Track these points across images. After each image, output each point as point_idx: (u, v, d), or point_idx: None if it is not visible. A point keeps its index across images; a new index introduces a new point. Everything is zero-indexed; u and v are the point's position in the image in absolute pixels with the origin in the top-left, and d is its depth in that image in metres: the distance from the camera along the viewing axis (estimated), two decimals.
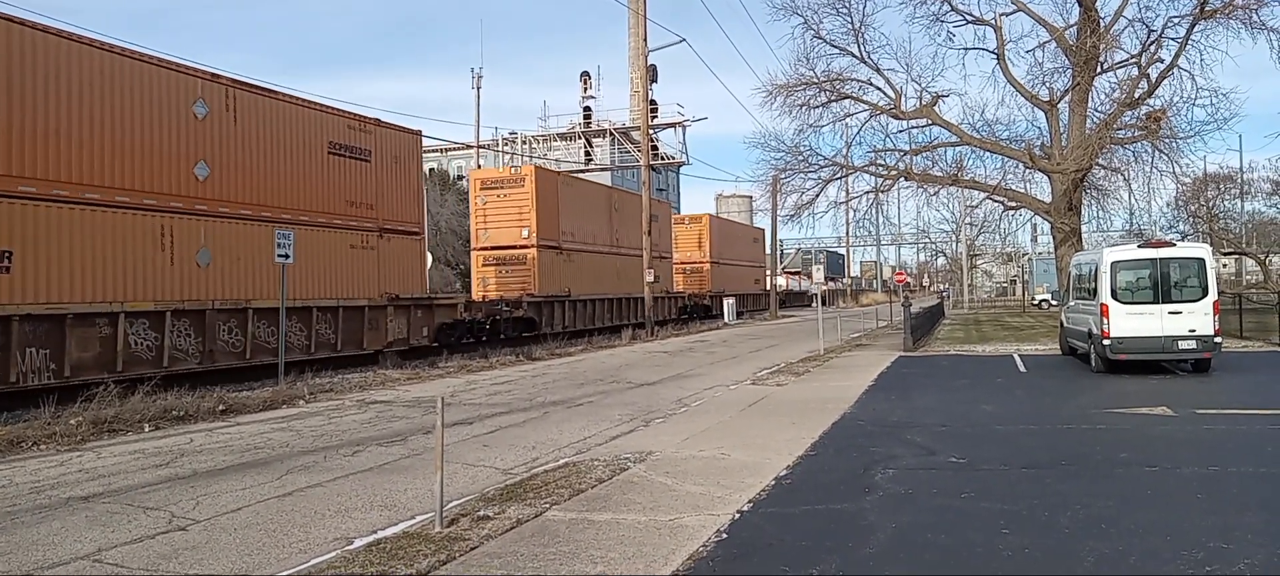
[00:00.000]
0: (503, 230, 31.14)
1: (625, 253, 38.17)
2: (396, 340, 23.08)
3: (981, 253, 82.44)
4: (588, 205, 35.49)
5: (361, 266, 22.00)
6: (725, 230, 56.86)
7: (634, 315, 37.45)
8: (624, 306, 38.13)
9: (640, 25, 37.72)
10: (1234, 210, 56.17)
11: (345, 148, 21.77)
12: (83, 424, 11.75)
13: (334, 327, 20.97)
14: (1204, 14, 25.01)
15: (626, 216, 38.51)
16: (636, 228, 37.73)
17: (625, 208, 38.98)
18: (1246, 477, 8.19)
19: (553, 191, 32.55)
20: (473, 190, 33.04)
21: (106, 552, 6.47)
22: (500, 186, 31.83)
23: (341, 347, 21.09)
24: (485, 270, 31.40)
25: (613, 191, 39.68)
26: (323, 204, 20.90)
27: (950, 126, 29.38)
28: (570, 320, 32.95)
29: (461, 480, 8.72)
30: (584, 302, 34.23)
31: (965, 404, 13.52)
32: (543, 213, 31.25)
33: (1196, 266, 16.66)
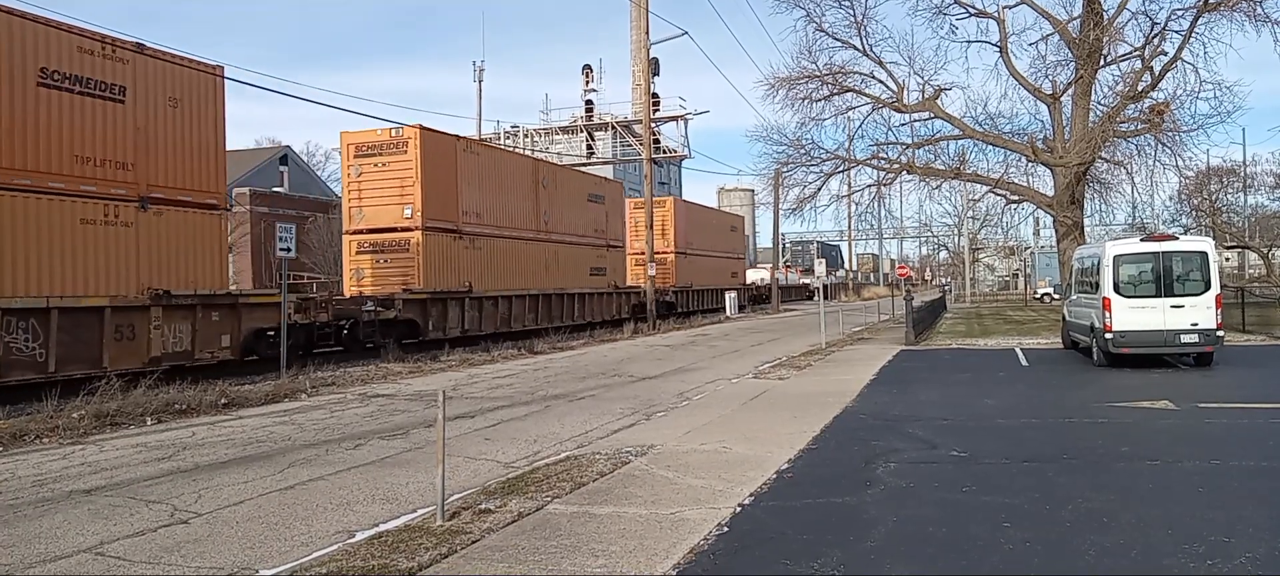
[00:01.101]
0: (380, 208, 24.65)
1: (560, 239, 31.93)
2: (170, 354, 16.63)
3: (984, 246, 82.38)
4: (501, 179, 28.51)
5: (104, 249, 15.70)
6: (695, 216, 49.97)
7: (571, 315, 32.07)
8: (555, 305, 31.41)
9: (642, 18, 37.64)
10: (1237, 204, 56.07)
11: (74, 79, 15.39)
12: (85, 417, 11.77)
13: (42, 339, 14.49)
14: (1207, 7, 24.94)
15: (561, 195, 32.34)
16: (577, 209, 33.14)
17: (560, 184, 32.78)
18: (1248, 472, 8.18)
19: (447, 160, 25.69)
20: (344, 157, 25.51)
21: (109, 545, 6.48)
22: (377, 153, 24.76)
23: (57, 367, 14.62)
24: (359, 259, 24.85)
25: (540, 164, 32.66)
26: (28, 158, 14.65)
27: (953, 120, 29.34)
28: (472, 322, 26.34)
29: (463, 473, 8.74)
30: (493, 300, 27.37)
31: (967, 397, 13.52)
32: (432, 186, 24.70)
33: (1199, 260, 16.63)
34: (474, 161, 27.11)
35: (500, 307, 28.00)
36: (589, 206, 34.72)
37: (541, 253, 30.76)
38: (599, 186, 36.58)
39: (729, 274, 54.94)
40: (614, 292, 37.09)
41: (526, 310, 29.64)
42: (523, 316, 29.40)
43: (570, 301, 32.64)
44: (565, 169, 35.12)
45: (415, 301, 24.04)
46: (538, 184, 30.90)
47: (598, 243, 35.30)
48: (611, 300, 36.63)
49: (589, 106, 63.49)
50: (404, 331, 23.64)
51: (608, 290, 36.33)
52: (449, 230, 25.48)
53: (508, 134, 60.28)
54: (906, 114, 29.70)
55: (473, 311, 26.53)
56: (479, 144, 29.42)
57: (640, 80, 52.09)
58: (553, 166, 34.34)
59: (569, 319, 31.84)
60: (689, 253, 46.65)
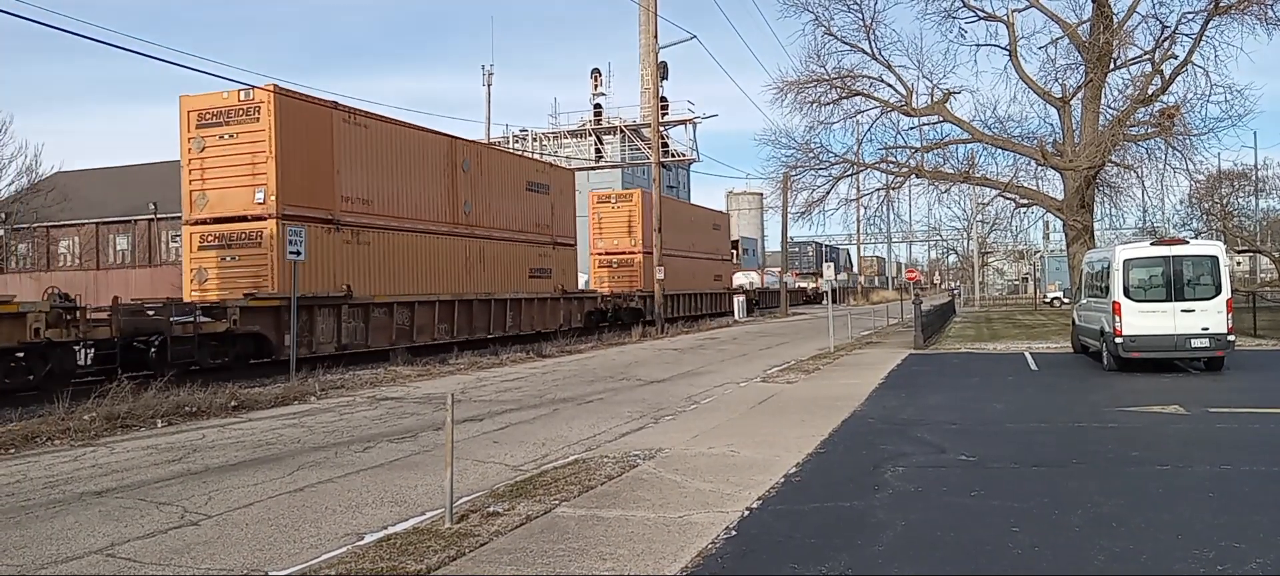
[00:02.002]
0: (227, 191, 19.83)
1: (486, 234, 27.16)
2: None
3: (993, 250, 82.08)
4: (402, 159, 23.65)
5: None
6: (670, 213, 43.10)
7: (501, 324, 27.61)
8: (479, 314, 26.56)
9: (651, 22, 37.68)
10: (1248, 208, 55.80)
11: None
12: (96, 419, 11.84)
13: None
14: (1218, 9, 24.83)
15: (489, 181, 27.56)
16: (512, 198, 28.79)
17: (488, 169, 27.68)
18: (1259, 477, 8.14)
19: (318, 132, 20.85)
20: (183, 127, 20.25)
21: (119, 547, 6.52)
22: (223, 121, 19.81)
23: None
24: (201, 256, 20.09)
25: (458, 142, 26.63)
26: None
27: (962, 123, 29.28)
28: (353, 335, 21.27)
29: (471, 476, 8.76)
30: (385, 307, 22.51)
31: (976, 402, 13.48)
32: (294, 163, 19.84)
33: (1210, 264, 16.55)
34: (360, 136, 22.19)
35: (397, 317, 22.83)
36: (528, 197, 29.89)
37: (460, 250, 25.80)
38: (542, 173, 31.60)
39: (711, 277, 49.40)
40: (561, 298, 31.63)
41: (436, 319, 24.47)
42: (431, 327, 24.24)
43: (500, 309, 27.67)
44: (496, 150, 29.57)
45: (262, 310, 18.87)
46: (455, 167, 25.78)
47: (540, 239, 30.49)
48: (557, 307, 31.38)
49: (597, 110, 63.61)
50: (250, 348, 19.20)
51: (552, 295, 31.05)
52: (321, 220, 20.56)
53: (516, 138, 60.43)
54: (915, 117, 29.64)
55: (354, 322, 21.36)
56: (369, 116, 22.51)
57: (649, 84, 52.14)
58: (477, 146, 28.49)
59: (500, 329, 27.29)
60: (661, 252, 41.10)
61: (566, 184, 33.96)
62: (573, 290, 33.11)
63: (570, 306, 32.57)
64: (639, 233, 39.71)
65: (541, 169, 32.51)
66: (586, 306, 34.17)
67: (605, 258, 40.32)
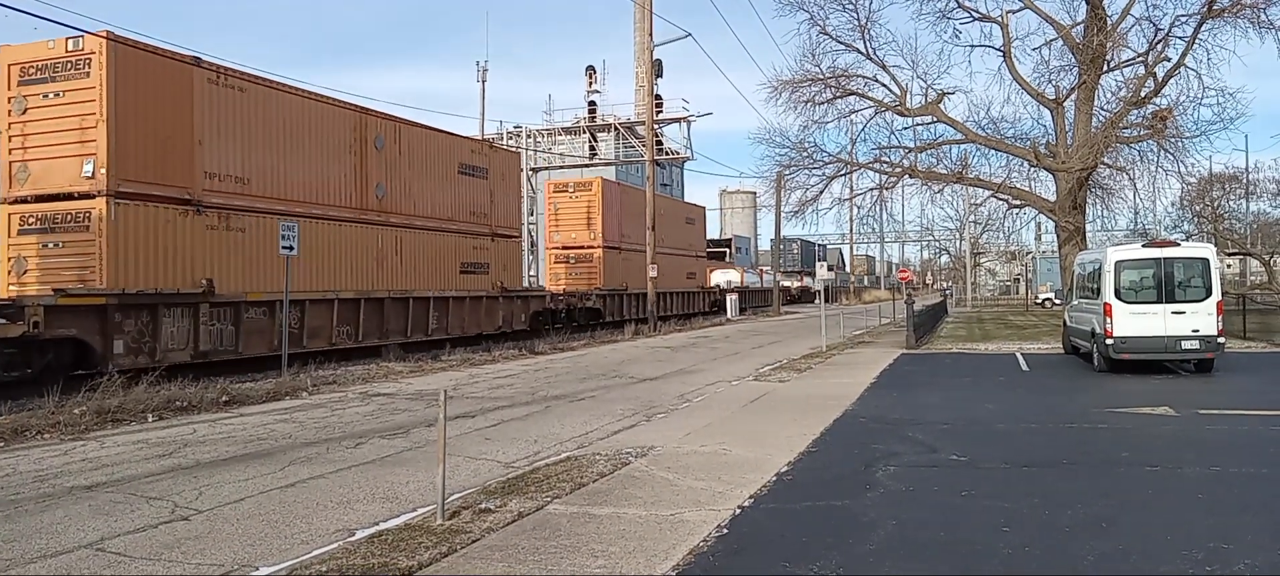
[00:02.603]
0: (53, 162, 16.37)
1: (405, 222, 23.77)
2: None
3: (985, 251, 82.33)
4: (291, 131, 20.10)
5: None
6: (635, 204, 39.77)
7: (424, 326, 24.20)
8: (394, 315, 23.13)
9: (646, 20, 37.70)
10: (1239, 210, 56.06)
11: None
12: (86, 413, 11.80)
13: None
14: (1211, 13, 24.93)
15: (409, 162, 24.13)
16: (439, 182, 25.25)
17: (408, 148, 24.07)
18: (1248, 478, 8.19)
19: (173, 92, 17.17)
20: (2, 83, 16.81)
21: (109, 541, 6.50)
22: (49, 76, 16.39)
23: None
24: (21, 242, 16.62)
25: (369, 116, 22.85)
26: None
27: (955, 124, 29.33)
28: (218, 340, 17.79)
29: (463, 473, 8.75)
30: (263, 308, 18.87)
31: (967, 402, 13.52)
32: (136, 129, 16.51)
33: (1200, 267, 16.64)
34: (234, 102, 18.49)
35: (279, 319, 18.54)
36: (462, 181, 26.43)
37: (371, 240, 22.38)
38: (478, 154, 27.68)
39: (684, 275, 45.70)
40: (500, 297, 28.07)
41: (335, 321, 20.93)
42: (328, 329, 20.76)
43: (421, 309, 24.17)
44: (420, 127, 25.03)
45: (80, 310, 15.29)
46: (365, 143, 22.40)
47: (475, 230, 26.98)
48: (495, 307, 27.87)
49: (592, 108, 63.50)
50: (67, 357, 15.43)
51: (489, 293, 27.49)
52: (174, 200, 17.12)
53: (510, 134, 60.32)
54: (909, 118, 29.69)
55: (219, 324, 17.73)
56: (246, 77, 18.97)
57: (643, 82, 52.08)
58: (395, 122, 23.93)
59: (420, 332, 23.95)
60: (624, 247, 38.31)
61: (510, 168, 30.20)
62: (515, 288, 29.42)
63: (512, 306, 28.98)
64: (598, 225, 36.54)
65: (478, 150, 28.16)
66: (532, 306, 30.59)
67: (561, 252, 37.08)
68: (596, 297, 35.29)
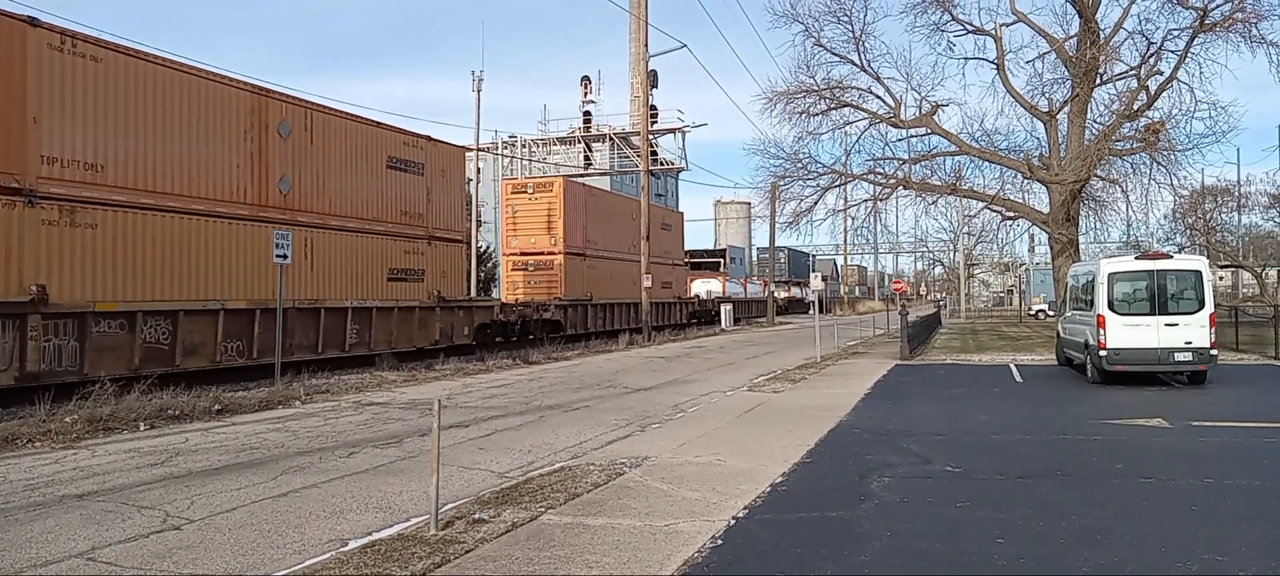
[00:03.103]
0: None
1: (317, 222, 20.57)
2: None
3: (979, 262, 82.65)
4: (160, 111, 16.93)
5: None
6: (601, 207, 37.08)
7: (340, 342, 20.86)
8: (302, 327, 19.74)
9: (641, 30, 37.77)
10: (1231, 223, 56.39)
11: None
12: (78, 421, 11.74)
13: None
14: (1204, 27, 25.10)
15: (324, 152, 20.98)
16: (362, 176, 22.11)
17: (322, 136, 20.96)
18: (1241, 490, 8.20)
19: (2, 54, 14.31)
20: None
21: (100, 551, 6.46)
22: None
23: None
24: None
25: (270, 98, 19.68)
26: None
27: (949, 135, 29.44)
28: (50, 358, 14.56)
29: (457, 483, 8.72)
30: (122, 320, 15.87)
31: (961, 413, 13.53)
32: None
33: (1193, 279, 16.69)
34: (85, 73, 15.52)
35: (147, 332, 16.20)
36: (392, 177, 23.40)
37: (266, 241, 18.30)
38: (412, 147, 24.27)
39: (660, 284, 41.42)
40: (438, 308, 24.62)
41: (220, 336, 17.60)
42: (211, 346, 17.46)
43: (336, 321, 20.81)
44: (334, 114, 21.73)
45: None
46: (266, 130, 19.25)
47: (408, 232, 23.82)
48: (431, 319, 24.45)
49: (587, 118, 63.62)
50: None
51: (424, 304, 24.18)
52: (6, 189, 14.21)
53: (506, 144, 60.37)
54: (903, 129, 29.81)
55: (56, 339, 14.73)
56: (102, 44, 16.06)
57: (639, 92, 52.18)
58: (304, 107, 20.77)
59: (335, 348, 20.67)
60: (589, 254, 35.16)
61: (452, 164, 26.46)
62: (457, 297, 25.89)
63: (452, 318, 25.46)
64: (560, 229, 33.39)
65: (412, 143, 24.47)
66: (478, 318, 27.04)
67: (519, 259, 33.87)
68: (556, 309, 31.83)
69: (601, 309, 35.70)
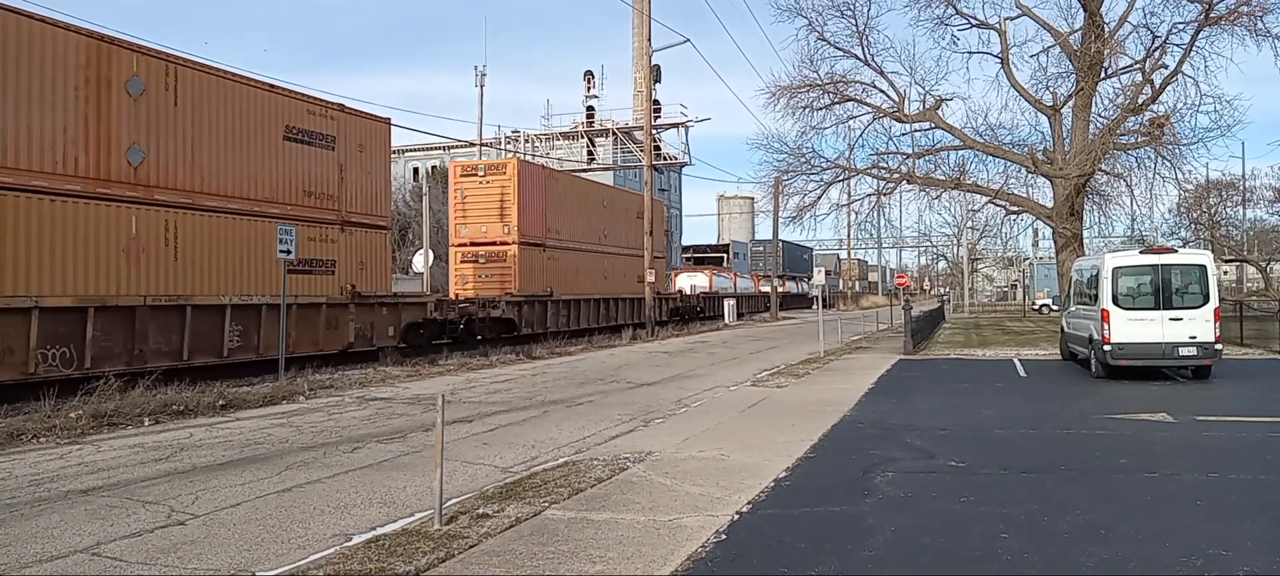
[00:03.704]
0: None
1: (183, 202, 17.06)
2: None
3: (982, 257, 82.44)
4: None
5: None
6: (566, 193, 33.70)
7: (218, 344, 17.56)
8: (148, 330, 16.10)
9: (644, 25, 37.72)
10: (1236, 217, 56.23)
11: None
12: (82, 417, 11.76)
13: None
14: (1209, 21, 25.03)
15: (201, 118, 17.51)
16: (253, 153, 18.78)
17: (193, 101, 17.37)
18: (1246, 485, 8.18)
19: None
20: None
21: (105, 546, 6.47)
22: None
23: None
24: None
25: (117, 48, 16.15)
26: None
27: (953, 130, 29.39)
28: None
29: (460, 478, 8.73)
30: None
31: (965, 408, 13.52)
32: None
33: (1198, 273, 16.65)
34: None
35: None
36: (291, 151, 19.83)
37: (116, 223, 15.81)
38: (318, 116, 20.73)
39: (634, 278, 37.99)
40: (352, 304, 21.19)
41: (37, 341, 14.21)
42: (21, 353, 14.04)
43: (210, 322, 17.44)
44: (208, 72, 18.08)
45: None
46: (106, 86, 15.76)
47: (313, 216, 20.40)
48: (343, 318, 20.96)
49: (590, 112, 63.63)
50: None
51: (334, 300, 20.74)
52: None
53: (509, 139, 60.37)
54: (907, 124, 29.78)
55: None
56: None
57: (642, 87, 52.07)
58: (163, 60, 17.02)
59: (211, 353, 17.44)
60: (550, 244, 31.60)
61: (373, 139, 22.59)
62: (377, 292, 22.32)
63: (372, 316, 21.98)
64: (514, 216, 29.59)
65: (319, 111, 20.84)
66: (406, 316, 23.40)
67: (469, 250, 30.21)
68: (507, 305, 28.19)
69: (565, 306, 32.21)
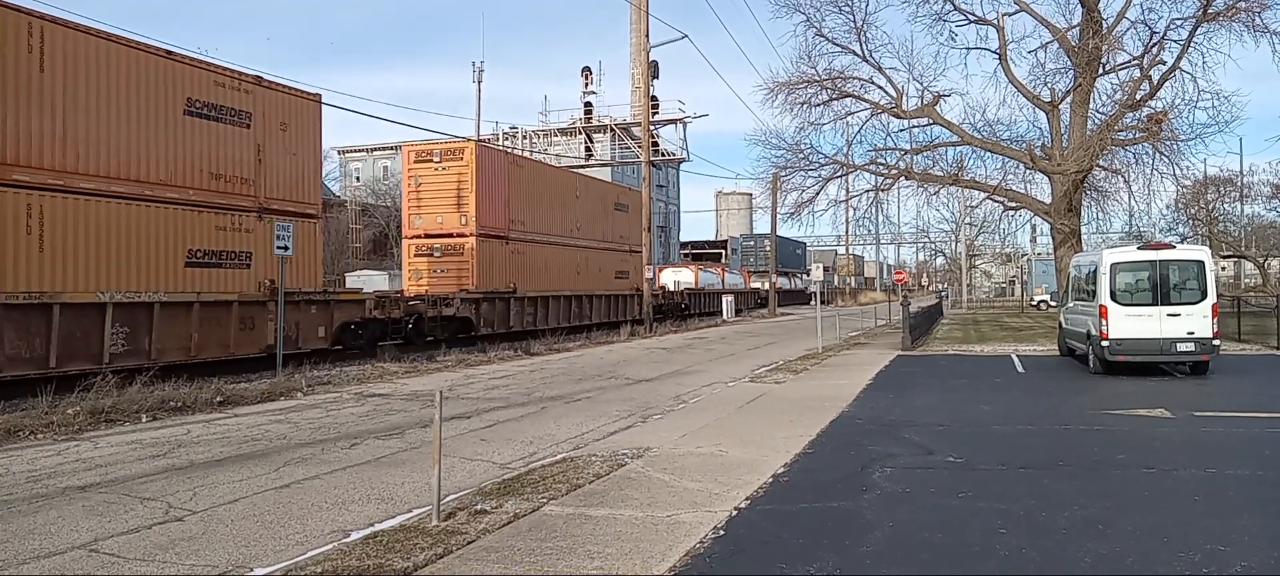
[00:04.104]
0: None
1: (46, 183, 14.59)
2: None
3: (981, 253, 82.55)
4: None
5: None
6: (534, 181, 31.22)
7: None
8: None
9: (642, 21, 37.67)
10: (1233, 213, 56.30)
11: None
12: (80, 413, 11.75)
13: None
14: (1207, 16, 25.00)
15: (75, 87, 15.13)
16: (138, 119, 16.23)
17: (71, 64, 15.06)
18: (1243, 480, 8.19)
19: None
20: None
21: (103, 542, 6.46)
22: None
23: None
24: None
25: None
26: None
27: (951, 126, 29.36)
28: None
29: (459, 474, 8.72)
30: None
31: (963, 404, 13.52)
32: None
33: (1196, 269, 16.66)
34: None
35: None
36: (194, 127, 17.41)
37: None
38: (229, 89, 18.23)
39: (612, 273, 36.09)
40: (269, 302, 18.44)
41: None
42: None
43: (86, 323, 15.04)
44: (79, 30, 15.44)
45: None
46: None
47: (223, 201, 18.00)
48: (258, 317, 18.49)
49: (588, 108, 63.55)
50: None
51: (247, 297, 18.28)
52: None
53: (506, 135, 60.31)
54: (905, 120, 29.71)
55: None
56: None
57: (639, 83, 52.01)
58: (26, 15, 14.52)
59: (87, 359, 14.94)
60: (514, 237, 28.91)
61: (298, 116, 20.10)
62: (304, 289, 19.75)
63: (297, 315, 19.34)
64: (471, 205, 26.88)
65: (231, 84, 18.32)
66: (338, 315, 20.82)
67: (423, 243, 27.52)
68: (462, 302, 25.53)
69: (531, 304, 29.65)
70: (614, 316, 35.28)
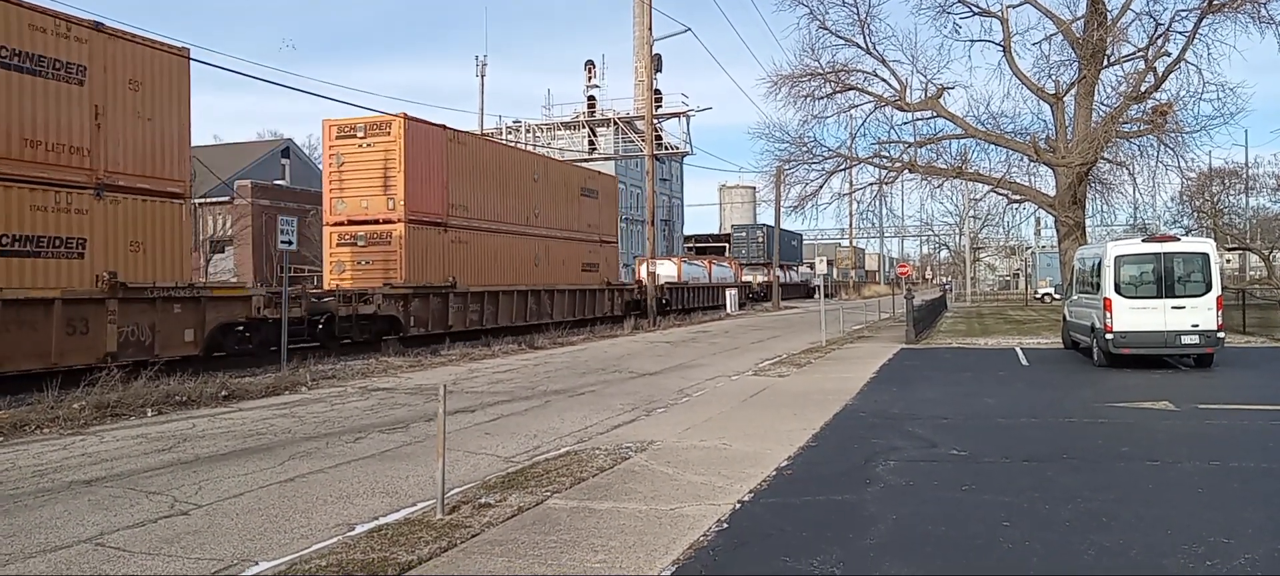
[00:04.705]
0: None
1: None
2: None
3: (984, 246, 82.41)
4: None
5: None
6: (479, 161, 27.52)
7: None
8: None
9: (645, 14, 37.60)
10: (1238, 205, 56.11)
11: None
12: (86, 408, 11.78)
13: None
14: (1212, 8, 24.88)
15: None
16: None
17: None
18: (1248, 473, 8.18)
19: None
20: None
21: (109, 536, 6.49)
22: None
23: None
24: None
25: None
26: None
27: (955, 119, 29.29)
28: None
29: (463, 467, 8.74)
30: None
31: (967, 396, 13.51)
32: None
33: (1200, 261, 16.62)
34: None
35: None
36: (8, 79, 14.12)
37: None
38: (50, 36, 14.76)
39: (579, 266, 33.21)
40: (110, 300, 15.41)
41: None
42: None
43: None
44: None
45: None
46: None
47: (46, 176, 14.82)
48: (98, 318, 15.30)
49: (591, 102, 63.48)
50: None
51: (83, 295, 15.10)
52: None
53: (509, 129, 60.28)
54: (909, 112, 29.64)
55: None
56: None
57: (643, 76, 51.90)
58: None
59: None
60: (454, 224, 25.55)
61: (158, 75, 16.84)
62: (164, 283, 16.56)
63: (154, 316, 16.34)
64: (399, 187, 23.48)
65: (55, 29, 14.89)
66: (212, 315, 17.61)
67: (346, 230, 24.22)
68: (386, 299, 22.24)
69: (475, 300, 26.19)
70: (580, 314, 32.41)
